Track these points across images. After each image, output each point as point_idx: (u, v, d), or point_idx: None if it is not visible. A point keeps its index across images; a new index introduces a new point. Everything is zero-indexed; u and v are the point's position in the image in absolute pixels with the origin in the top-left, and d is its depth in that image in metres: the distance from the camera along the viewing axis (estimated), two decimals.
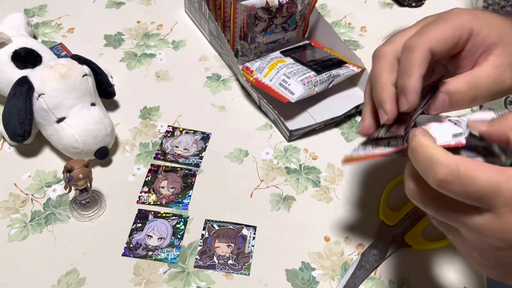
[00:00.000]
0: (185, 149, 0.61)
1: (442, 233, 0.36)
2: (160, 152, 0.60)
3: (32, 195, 0.55)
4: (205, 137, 0.62)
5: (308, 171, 0.59)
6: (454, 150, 0.35)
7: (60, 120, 0.55)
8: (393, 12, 0.83)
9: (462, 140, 0.35)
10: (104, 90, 0.61)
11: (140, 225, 0.53)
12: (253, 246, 0.52)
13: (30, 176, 0.57)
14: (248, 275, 0.50)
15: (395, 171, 0.59)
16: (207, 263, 0.50)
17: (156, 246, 0.51)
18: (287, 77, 0.63)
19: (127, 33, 0.75)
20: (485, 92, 0.38)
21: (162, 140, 0.61)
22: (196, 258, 0.51)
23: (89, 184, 0.51)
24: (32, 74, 0.56)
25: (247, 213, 0.55)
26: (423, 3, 0.84)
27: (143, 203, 0.55)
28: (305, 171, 0.59)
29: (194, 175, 0.58)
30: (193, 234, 0.53)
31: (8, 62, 0.59)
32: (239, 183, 0.58)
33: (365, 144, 0.41)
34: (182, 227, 0.53)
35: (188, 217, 0.54)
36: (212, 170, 0.59)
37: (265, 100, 0.62)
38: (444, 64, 0.43)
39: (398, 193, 0.57)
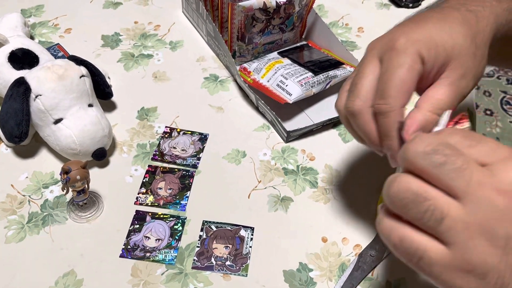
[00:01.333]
0: (182, 150, 0.61)
1: None
2: (157, 153, 0.60)
3: (29, 196, 0.55)
4: (203, 138, 0.62)
5: (306, 172, 0.59)
6: None
7: (57, 121, 0.55)
8: (390, 13, 0.83)
9: None
10: (102, 91, 0.61)
11: (137, 226, 0.53)
12: (250, 247, 0.52)
13: (27, 177, 0.57)
14: (246, 276, 0.50)
15: (393, 172, 0.59)
16: (205, 264, 0.50)
17: (154, 247, 0.51)
18: (284, 78, 0.63)
19: (124, 33, 0.75)
20: (448, 107, 0.39)
21: (159, 141, 0.61)
22: (194, 259, 0.51)
23: (86, 186, 0.51)
24: (29, 75, 0.55)
25: (245, 214, 0.55)
26: (420, 4, 0.84)
27: (140, 204, 0.55)
28: (302, 172, 0.59)
29: (191, 176, 0.58)
30: (191, 235, 0.53)
31: (5, 62, 0.59)
32: (236, 184, 0.58)
33: None
34: (180, 228, 0.53)
35: (185, 218, 0.54)
36: (210, 171, 0.59)
37: (262, 101, 0.62)
38: None
39: None
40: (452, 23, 0.40)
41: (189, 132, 0.63)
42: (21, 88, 0.54)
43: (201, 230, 0.53)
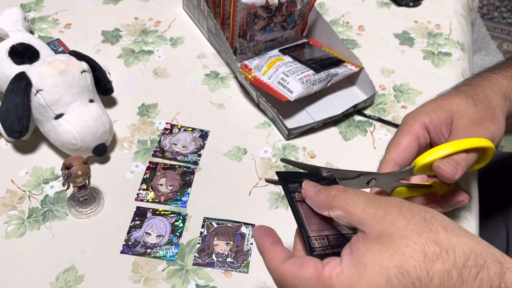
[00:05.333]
0: (183, 146, 0.60)
1: None
2: (158, 149, 0.60)
3: (29, 191, 0.55)
4: (204, 135, 0.62)
5: None
6: None
7: (58, 116, 0.55)
8: (390, 12, 0.83)
9: None
10: (102, 86, 0.61)
11: (138, 222, 0.53)
12: (251, 244, 0.52)
13: (27, 172, 0.56)
14: (247, 272, 0.50)
15: None
16: (206, 261, 0.50)
17: (155, 243, 0.51)
18: (285, 75, 0.63)
19: (124, 29, 0.75)
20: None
21: (160, 138, 0.61)
22: (195, 256, 0.51)
23: (87, 181, 0.51)
24: (30, 70, 0.55)
25: (246, 211, 0.55)
26: (420, 3, 0.84)
27: (141, 200, 0.55)
28: None
29: (192, 173, 0.58)
30: (192, 231, 0.53)
31: (5, 57, 0.59)
32: (237, 181, 0.58)
33: None
34: (181, 224, 0.53)
35: (186, 215, 0.54)
36: (211, 168, 0.59)
37: (263, 98, 0.62)
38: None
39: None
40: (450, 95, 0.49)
41: (190, 129, 0.63)
42: (22, 83, 0.54)
43: (202, 226, 0.53)
